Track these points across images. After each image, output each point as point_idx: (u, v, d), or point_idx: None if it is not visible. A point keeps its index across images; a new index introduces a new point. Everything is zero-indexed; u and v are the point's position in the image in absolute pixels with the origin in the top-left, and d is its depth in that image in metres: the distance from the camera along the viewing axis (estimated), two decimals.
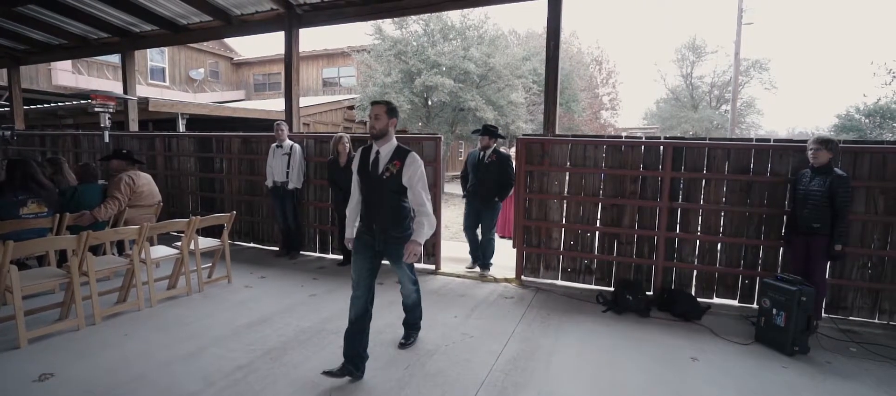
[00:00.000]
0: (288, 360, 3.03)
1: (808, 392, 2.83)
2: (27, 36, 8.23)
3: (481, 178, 5.02)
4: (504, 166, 4.99)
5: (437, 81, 12.17)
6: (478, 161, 5.09)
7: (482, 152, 5.06)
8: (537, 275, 5.03)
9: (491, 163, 4.98)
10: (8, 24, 7.65)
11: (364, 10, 5.93)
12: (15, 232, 3.89)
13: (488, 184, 5.00)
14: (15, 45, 8.81)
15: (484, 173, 5.02)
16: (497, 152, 5.03)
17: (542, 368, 3.04)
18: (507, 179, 4.99)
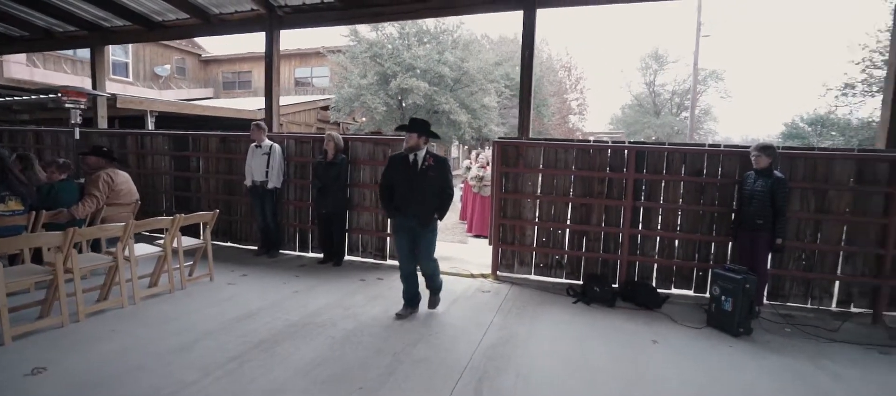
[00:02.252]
0: (280, 351, 3.18)
1: (749, 367, 3.22)
2: None
3: (416, 190, 3.69)
4: (445, 173, 3.78)
5: (413, 84, 12.37)
6: (408, 167, 3.74)
7: (412, 155, 3.73)
8: (512, 271, 5.32)
9: (428, 170, 3.70)
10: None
11: (345, 14, 6.09)
12: None
13: (427, 197, 3.70)
14: None
15: (419, 183, 3.69)
16: (434, 155, 3.78)
17: (519, 353, 3.31)
18: (450, 190, 3.83)
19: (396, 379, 2.84)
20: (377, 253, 5.79)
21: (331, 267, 5.52)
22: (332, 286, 4.74)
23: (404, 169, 3.74)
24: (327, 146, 5.42)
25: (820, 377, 3.12)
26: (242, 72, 20.65)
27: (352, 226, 5.83)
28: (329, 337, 3.42)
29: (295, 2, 6.22)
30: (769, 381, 3.02)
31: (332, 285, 4.77)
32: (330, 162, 5.39)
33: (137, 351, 3.07)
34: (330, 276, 5.13)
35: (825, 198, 4.44)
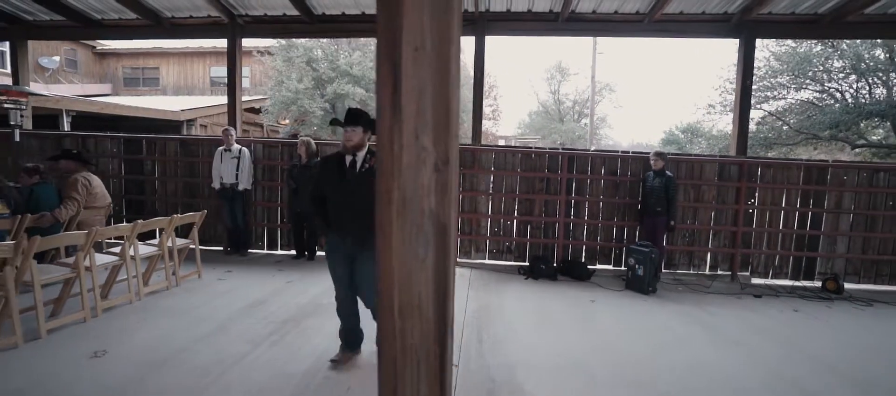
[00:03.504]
0: (309, 325, 3.75)
1: (659, 312, 4.48)
2: None
3: (352, 201, 2.88)
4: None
5: (348, 90, 12.80)
6: (343, 171, 2.91)
7: (350, 156, 2.91)
8: (470, 257, 6.25)
9: (368, 173, 2.86)
10: None
11: (310, 28, 6.56)
12: None
13: (367, 209, 2.56)
14: None
15: (357, 190, 2.86)
16: (375, 154, 2.01)
17: (498, 312, 4.23)
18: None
19: None
20: None
21: (306, 261, 5.99)
22: (321, 276, 5.26)
23: (338, 173, 2.89)
24: (300, 151, 5.88)
25: (701, 314, 4.47)
26: (148, 69, 19.15)
27: None
28: None
29: (256, 12, 6.54)
30: (672, 318, 4.29)
31: (320, 275, 5.29)
32: (304, 165, 5.87)
33: (176, 337, 3.44)
34: (312, 269, 5.63)
35: (699, 191, 6.00)
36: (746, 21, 5.93)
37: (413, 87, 0.86)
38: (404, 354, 0.94)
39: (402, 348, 0.93)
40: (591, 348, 3.51)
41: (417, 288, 0.92)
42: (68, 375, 2.80)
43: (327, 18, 6.44)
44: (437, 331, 0.94)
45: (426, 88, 0.87)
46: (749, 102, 6.27)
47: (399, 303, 0.92)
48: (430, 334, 0.93)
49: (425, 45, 0.85)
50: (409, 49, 0.85)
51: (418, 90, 0.86)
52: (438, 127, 0.89)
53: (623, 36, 6.60)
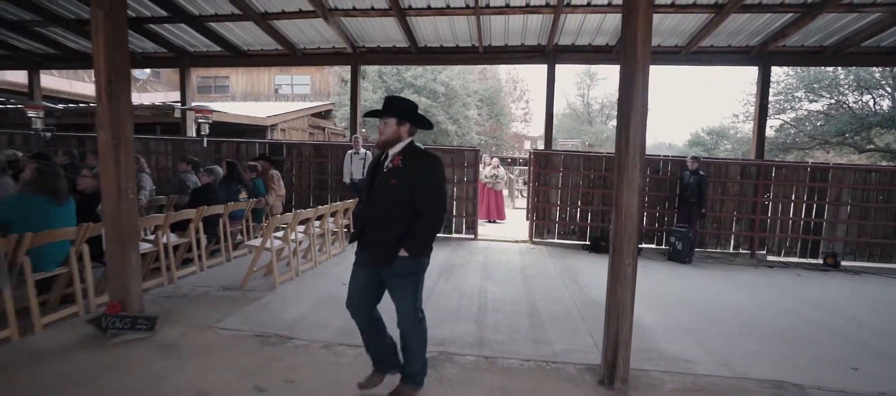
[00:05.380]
0: (457, 274, 5.56)
1: (694, 274, 6.17)
2: (57, 41, 9.00)
3: (372, 208, 2.45)
4: (421, 178, 2.37)
5: (414, 100, 14.70)
6: (373, 173, 2.52)
7: (383, 154, 2.49)
8: (542, 238, 7.99)
9: (391, 174, 2.38)
10: (38, 29, 8.47)
11: (414, 57, 8.39)
12: (233, 211, 5.77)
13: (389, 219, 2.39)
14: (36, 47, 9.39)
15: (379, 195, 2.43)
16: (413, 151, 2.43)
17: (578, 270, 5.99)
18: (430, 205, 2.38)
19: (536, 280, 5.36)
20: (445, 231, 8.17)
21: None
22: (436, 250, 7.07)
23: (372, 175, 2.50)
24: None
25: (728, 276, 6.14)
26: (219, 77, 21.38)
27: None
28: (479, 264, 5.86)
29: (372, 45, 8.40)
30: (706, 277, 5.98)
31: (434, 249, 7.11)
32: None
33: None
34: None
35: (725, 186, 7.63)
36: (764, 53, 7.52)
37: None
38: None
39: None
40: (659, 289, 5.23)
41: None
42: (338, 291, 4.66)
43: (429, 49, 8.25)
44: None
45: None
46: (765, 117, 7.87)
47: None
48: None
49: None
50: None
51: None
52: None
53: (664, 64, 8.20)
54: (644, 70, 2.81)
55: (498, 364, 3.22)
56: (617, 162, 2.91)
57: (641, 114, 2.83)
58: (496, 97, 21.91)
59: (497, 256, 6.74)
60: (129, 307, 3.48)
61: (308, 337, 3.49)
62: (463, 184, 8.06)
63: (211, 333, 3.53)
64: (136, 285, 3.54)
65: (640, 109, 2.82)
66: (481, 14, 6.80)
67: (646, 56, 2.79)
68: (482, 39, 7.64)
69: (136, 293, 3.55)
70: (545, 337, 3.75)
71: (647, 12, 2.74)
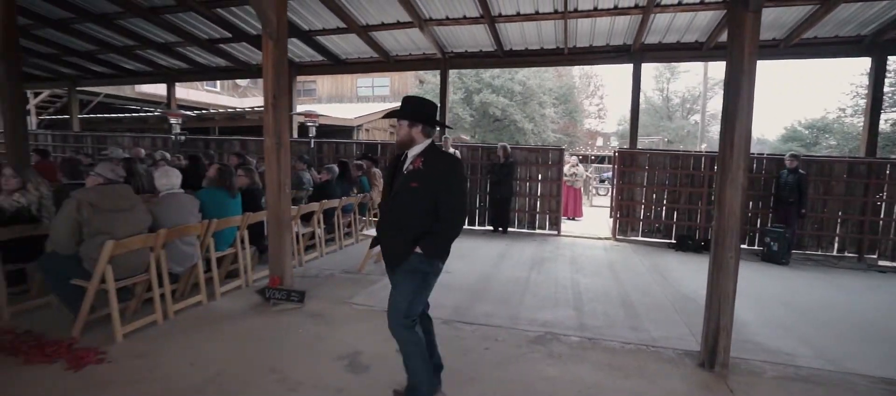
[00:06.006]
0: (548, 266, 5.92)
1: (791, 275, 6.02)
2: (190, 57, 10.45)
3: (391, 210, 2.45)
4: (439, 180, 2.31)
5: (492, 99, 15.15)
6: (392, 174, 2.49)
7: (401, 155, 2.47)
8: (626, 235, 8.08)
9: (411, 176, 2.33)
10: (179, 48, 9.90)
11: (501, 61, 8.79)
12: (345, 205, 6.54)
13: (404, 220, 2.37)
14: (173, 63, 10.98)
15: (398, 197, 2.40)
16: (434, 152, 2.38)
17: (666, 267, 6.08)
18: (449, 209, 2.30)
19: (625, 274, 5.59)
20: (529, 226, 8.52)
21: (501, 234, 8.24)
22: (524, 243, 7.48)
23: (389, 177, 2.52)
24: (499, 152, 8.13)
25: (829, 279, 5.93)
26: (307, 81, 23.18)
27: (512, 207, 8.54)
28: (567, 258, 6.17)
29: (460, 50, 8.91)
30: (805, 280, 5.83)
31: (522, 243, 7.50)
32: (502, 163, 8.10)
33: (472, 270, 5.78)
34: (511, 239, 7.86)
35: (828, 186, 7.25)
36: (879, 42, 7.05)
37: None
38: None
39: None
40: (755, 287, 5.24)
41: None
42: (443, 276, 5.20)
43: (514, 52, 8.62)
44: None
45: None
46: (879, 111, 7.36)
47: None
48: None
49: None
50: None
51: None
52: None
53: (760, 60, 7.91)
54: (751, 68, 2.97)
55: (601, 344, 3.57)
56: (720, 161, 3.13)
57: (747, 114, 3.01)
58: (570, 94, 21.74)
59: (582, 251, 6.99)
60: (284, 282, 4.24)
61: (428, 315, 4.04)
62: (547, 181, 8.36)
63: (346, 307, 4.20)
64: (289, 264, 4.30)
65: (745, 109, 2.99)
66: (569, 18, 7.06)
67: (753, 53, 2.95)
68: (567, 41, 7.88)
69: (289, 270, 4.31)
70: (641, 325, 4.02)
71: (757, 5, 2.86)
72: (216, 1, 7.53)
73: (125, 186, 3.60)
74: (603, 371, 3.14)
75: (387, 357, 3.22)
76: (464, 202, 2.49)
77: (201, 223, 3.99)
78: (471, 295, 4.64)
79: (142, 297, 3.85)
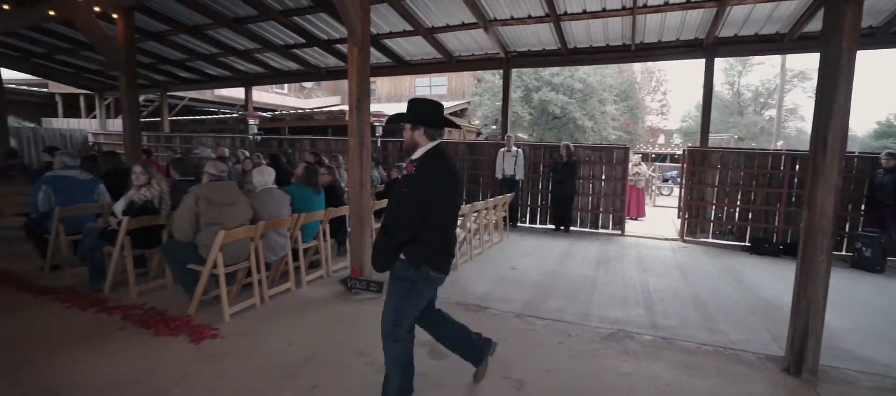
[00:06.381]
0: (614, 265, 5.88)
1: (887, 285, 5.58)
2: (266, 62, 11.21)
3: (388, 212, 2.41)
4: (408, 187, 2.26)
5: (552, 97, 15.04)
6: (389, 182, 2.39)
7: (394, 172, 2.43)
8: (694, 236, 7.80)
9: (402, 182, 2.35)
10: (257, 54, 10.63)
11: (565, 59, 8.75)
12: None
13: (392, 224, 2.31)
14: (251, 68, 11.81)
15: (390, 203, 2.59)
16: (423, 158, 2.30)
17: (739, 271, 5.84)
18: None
19: (695, 276, 5.45)
20: (592, 225, 8.43)
21: (563, 233, 8.22)
22: (587, 242, 7.43)
23: (391, 182, 2.56)
24: (562, 151, 8.11)
25: None
26: None
27: (575, 206, 8.49)
28: (633, 258, 6.11)
29: (522, 49, 8.95)
30: None
31: (586, 242, 7.46)
32: (565, 162, 8.08)
33: (538, 266, 5.86)
34: (574, 238, 7.83)
35: None
36: None
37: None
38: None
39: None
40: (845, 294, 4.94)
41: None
42: (509, 273, 5.34)
43: (578, 50, 8.55)
44: None
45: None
46: None
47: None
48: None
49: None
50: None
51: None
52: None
53: None
54: (849, 63, 2.85)
55: (676, 344, 3.56)
56: (812, 160, 3.04)
57: (843, 113, 2.89)
58: (632, 90, 21.02)
59: (649, 252, 6.85)
60: (363, 273, 4.55)
61: (500, 308, 4.20)
62: (611, 180, 8.24)
63: None
64: (368, 256, 4.60)
65: (842, 107, 2.88)
66: (638, 13, 6.92)
67: (852, 47, 2.82)
68: (635, 37, 7.71)
69: (368, 262, 4.61)
70: (717, 327, 3.95)
71: None
72: (293, 10, 8.08)
73: (231, 182, 4.04)
74: (679, 369, 3.15)
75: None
76: (438, 209, 2.26)
77: (292, 217, 4.37)
78: (539, 291, 4.74)
79: (241, 282, 4.28)
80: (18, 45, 10.88)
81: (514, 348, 3.40)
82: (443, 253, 2.35)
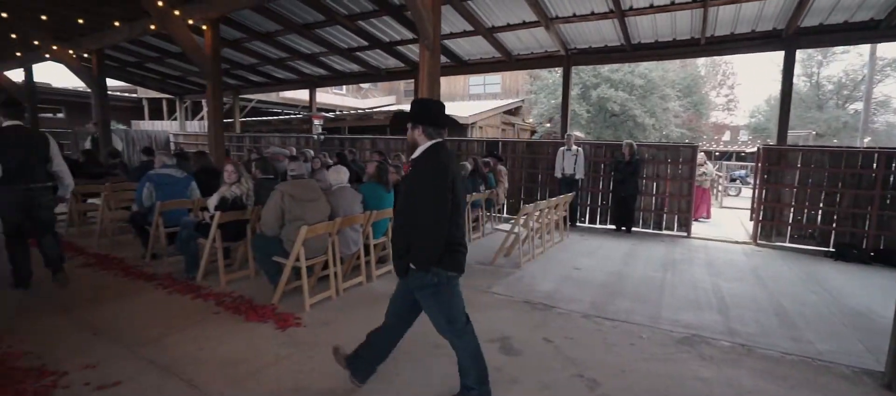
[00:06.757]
0: (682, 268, 5.69)
1: None
2: (330, 65, 11.71)
3: (397, 209, 2.53)
4: (413, 184, 2.36)
5: (611, 94, 14.64)
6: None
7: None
8: (769, 240, 7.36)
9: (405, 179, 2.51)
10: (322, 57, 11.11)
11: (628, 55, 8.52)
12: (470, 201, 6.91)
13: (398, 228, 2.46)
14: (315, 70, 12.38)
15: (399, 198, 2.60)
16: (424, 155, 2.33)
17: (822, 278, 5.46)
18: (419, 215, 2.25)
19: (774, 282, 5.18)
20: (655, 226, 8.17)
21: (625, 233, 8.02)
22: (651, 244, 7.22)
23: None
24: (624, 150, 7.90)
25: None
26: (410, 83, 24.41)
27: (637, 207, 8.25)
28: (702, 261, 5.89)
29: (583, 46, 8.80)
30: None
31: (649, 243, 7.25)
32: (627, 162, 7.87)
33: (603, 266, 5.78)
34: (636, 239, 7.63)
35: None
36: None
37: None
38: None
39: None
40: None
41: None
42: (573, 273, 5.31)
43: (643, 46, 8.29)
44: None
45: None
46: None
47: None
48: None
49: None
50: None
51: None
52: None
53: None
54: None
55: (756, 352, 3.43)
56: None
57: None
58: (696, 85, 19.96)
59: (719, 255, 6.56)
60: None
61: (566, 308, 4.21)
62: (677, 180, 7.94)
63: (487, 296, 4.54)
64: None
65: None
66: (710, 5, 6.63)
67: None
68: (705, 30, 7.38)
69: None
70: (802, 336, 3.75)
71: None
72: (358, 15, 8.41)
73: (311, 180, 4.32)
74: (763, 378, 3.04)
75: (535, 343, 3.46)
76: (433, 208, 2.21)
77: (364, 213, 4.61)
78: (605, 292, 4.70)
79: (318, 275, 4.57)
80: (116, 56, 12.07)
81: (583, 347, 3.41)
82: (454, 252, 2.34)
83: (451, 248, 2.32)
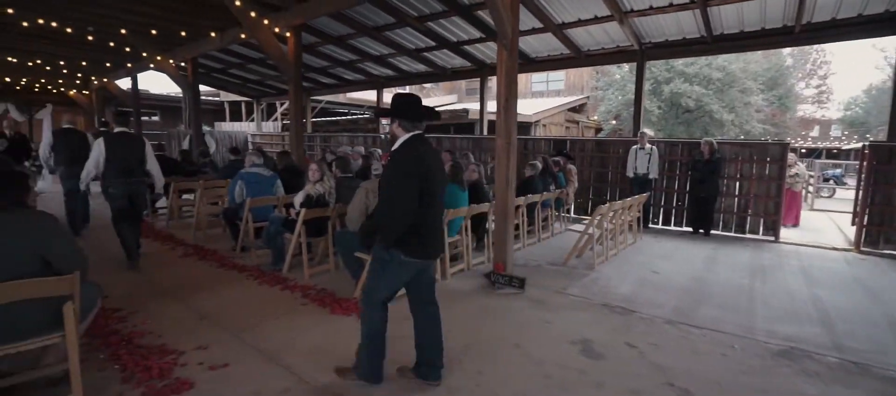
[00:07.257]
0: (769, 277, 5.29)
1: None
2: (397, 66, 11.98)
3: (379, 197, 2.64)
4: (390, 166, 2.47)
5: (685, 89, 13.83)
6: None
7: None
8: (876, 247, 6.64)
9: (384, 168, 2.61)
10: (390, 58, 11.37)
11: (709, 47, 8.02)
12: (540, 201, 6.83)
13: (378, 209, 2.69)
14: (382, 71, 12.74)
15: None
16: (398, 147, 2.48)
17: None
18: (387, 193, 2.47)
19: (888, 294, 4.68)
20: (737, 230, 7.64)
21: (703, 236, 7.56)
22: (733, 248, 6.77)
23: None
24: (704, 148, 7.45)
25: None
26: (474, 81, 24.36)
27: (717, 208, 7.75)
28: (795, 269, 5.46)
29: (659, 39, 8.38)
30: None
31: (731, 247, 6.80)
32: (706, 160, 7.41)
33: (679, 272, 5.50)
34: (716, 242, 7.17)
35: None
36: None
37: None
38: None
39: None
40: None
41: None
42: (651, 277, 5.11)
43: (725, 37, 7.76)
44: None
45: None
46: None
47: None
48: None
49: None
50: None
51: None
52: None
53: None
54: None
55: (871, 371, 3.13)
56: None
57: None
58: (781, 76, 18.32)
59: (814, 262, 6.02)
60: (507, 268, 4.72)
61: (648, 313, 4.06)
62: (764, 180, 7.37)
63: (562, 297, 4.48)
64: (510, 252, 4.77)
65: None
66: None
67: None
68: (801, 17, 6.77)
69: (511, 257, 4.77)
70: None
71: None
72: (428, 16, 8.56)
73: None
74: None
75: (618, 348, 3.38)
76: (402, 196, 2.36)
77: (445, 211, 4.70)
78: (689, 298, 4.48)
79: None
80: (205, 63, 13.14)
81: (671, 355, 3.28)
82: (415, 239, 2.44)
83: (419, 235, 2.44)
